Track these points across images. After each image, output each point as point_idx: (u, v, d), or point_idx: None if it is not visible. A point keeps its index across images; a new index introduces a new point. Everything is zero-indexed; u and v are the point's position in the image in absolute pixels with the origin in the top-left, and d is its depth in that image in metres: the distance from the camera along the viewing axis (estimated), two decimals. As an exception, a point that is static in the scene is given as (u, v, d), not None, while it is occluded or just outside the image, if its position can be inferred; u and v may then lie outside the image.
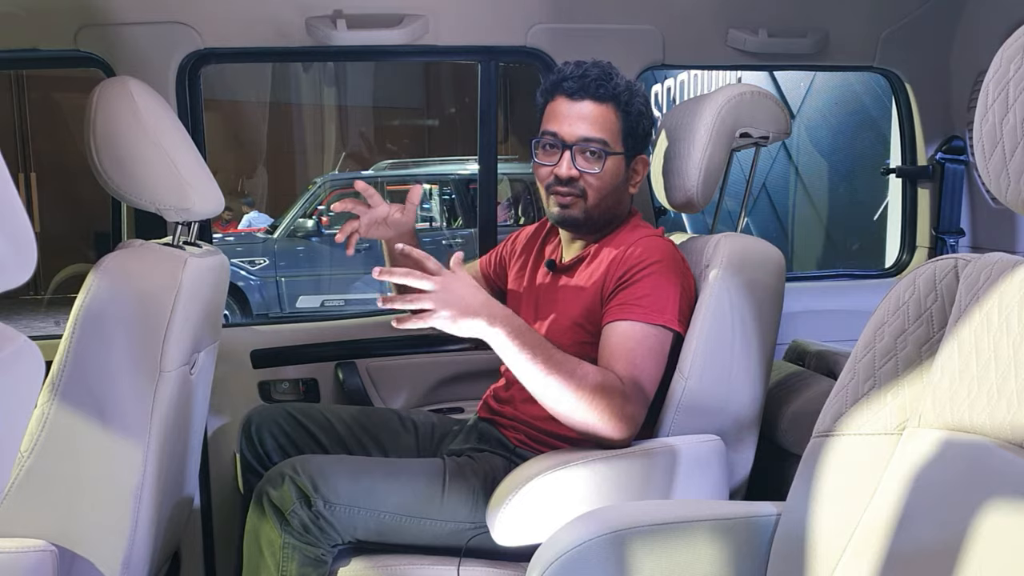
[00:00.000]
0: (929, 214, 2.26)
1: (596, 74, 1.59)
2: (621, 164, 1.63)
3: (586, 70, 1.59)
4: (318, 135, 11.99)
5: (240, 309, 7.00)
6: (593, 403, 1.40)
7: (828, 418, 1.10)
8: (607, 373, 1.43)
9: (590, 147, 1.59)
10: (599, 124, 1.59)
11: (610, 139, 1.60)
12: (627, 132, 1.62)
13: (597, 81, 1.58)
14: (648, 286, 1.50)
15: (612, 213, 1.66)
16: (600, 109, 1.59)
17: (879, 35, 2.15)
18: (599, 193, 1.61)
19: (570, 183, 1.60)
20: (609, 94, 1.59)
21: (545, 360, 1.39)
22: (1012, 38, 0.87)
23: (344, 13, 1.93)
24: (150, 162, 1.42)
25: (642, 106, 1.63)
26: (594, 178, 1.60)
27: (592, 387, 1.40)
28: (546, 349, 1.41)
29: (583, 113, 1.59)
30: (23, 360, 0.66)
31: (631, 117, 1.61)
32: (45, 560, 1.28)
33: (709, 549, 1.13)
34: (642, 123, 1.63)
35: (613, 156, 1.61)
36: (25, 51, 1.89)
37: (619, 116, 1.60)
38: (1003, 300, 0.93)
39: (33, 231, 0.63)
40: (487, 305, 1.38)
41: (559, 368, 1.39)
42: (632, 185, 1.68)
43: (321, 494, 1.46)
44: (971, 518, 0.88)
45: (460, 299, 1.36)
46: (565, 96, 1.60)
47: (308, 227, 7.65)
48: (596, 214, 1.63)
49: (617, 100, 1.59)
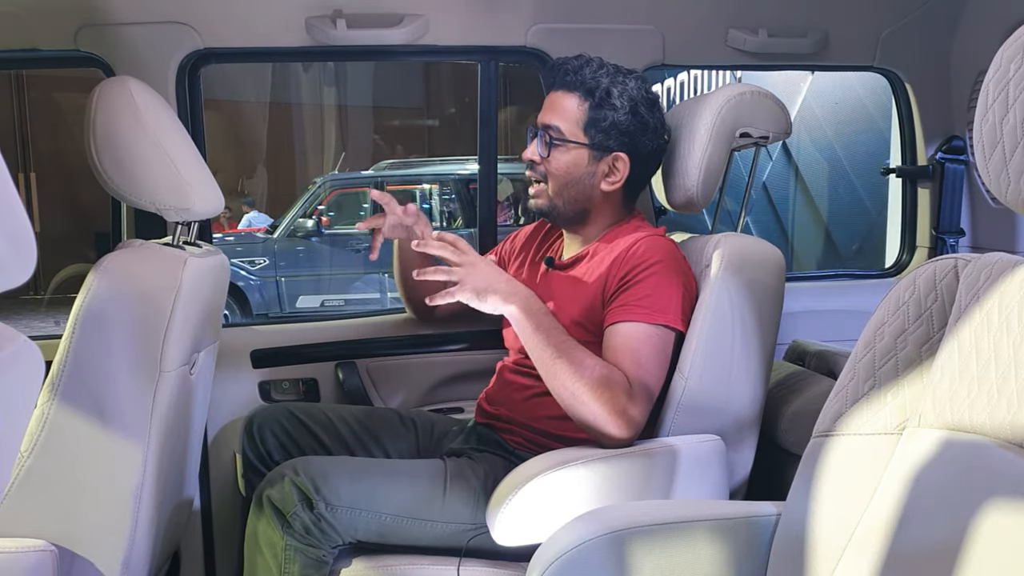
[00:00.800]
0: (929, 214, 2.26)
1: (571, 65, 1.63)
2: (583, 155, 1.63)
3: (565, 62, 1.64)
4: (318, 135, 11.99)
5: (240, 309, 7.00)
6: (596, 394, 1.41)
7: (828, 418, 1.10)
8: (614, 369, 1.44)
9: (549, 133, 1.64)
10: (560, 112, 1.63)
11: (565, 128, 1.62)
12: (589, 122, 1.62)
13: (565, 71, 1.62)
14: (650, 286, 1.50)
15: (581, 207, 1.67)
16: (566, 98, 1.63)
17: (879, 35, 2.15)
18: (557, 181, 1.65)
19: (533, 167, 1.67)
20: (576, 83, 1.62)
21: (557, 343, 1.46)
22: (1012, 38, 0.87)
23: (344, 13, 1.92)
24: (150, 162, 1.42)
25: (621, 100, 1.61)
26: (546, 164, 1.65)
27: (598, 378, 1.42)
28: (560, 333, 1.48)
29: (552, 102, 1.65)
30: (23, 360, 0.66)
31: (598, 108, 1.61)
32: (45, 560, 1.28)
33: (709, 549, 1.13)
34: (611, 116, 1.61)
35: (569, 144, 1.63)
36: (25, 51, 1.89)
37: (582, 106, 1.61)
38: (1003, 300, 0.93)
39: (33, 231, 0.63)
40: (508, 283, 1.49)
41: (569, 353, 1.45)
42: (607, 182, 1.65)
43: (322, 496, 1.46)
44: (971, 518, 0.88)
45: (483, 275, 1.47)
46: (547, 88, 1.69)
47: (308, 227, 7.66)
48: (559, 204, 1.66)
49: (583, 89, 1.61)
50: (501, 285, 1.48)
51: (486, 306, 1.48)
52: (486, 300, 1.47)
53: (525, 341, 1.48)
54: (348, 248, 7.77)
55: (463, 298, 1.47)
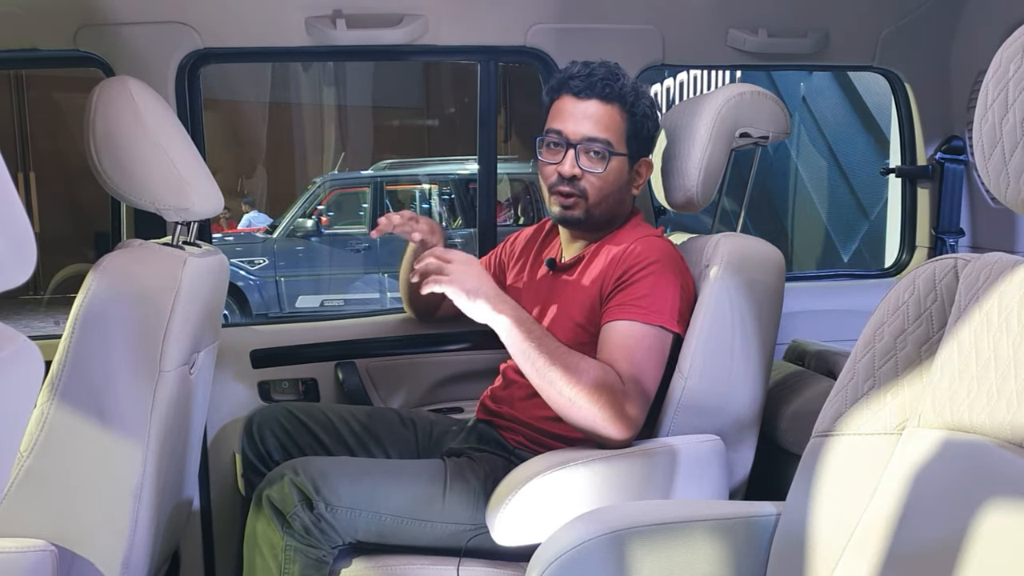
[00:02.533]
0: (929, 214, 2.26)
1: (603, 74, 1.59)
2: (624, 165, 1.63)
3: (593, 69, 1.60)
4: (318, 135, 11.98)
5: (240, 309, 7.00)
6: (593, 398, 1.40)
7: (828, 418, 1.10)
8: (608, 370, 1.44)
9: (594, 147, 1.59)
10: (604, 124, 1.59)
11: (614, 140, 1.60)
12: (631, 134, 1.62)
13: (604, 80, 1.58)
14: (647, 286, 1.50)
15: (613, 214, 1.66)
16: (606, 109, 1.59)
17: (879, 35, 2.15)
18: (600, 193, 1.61)
19: (572, 182, 1.60)
20: (615, 94, 1.59)
21: (548, 351, 1.43)
22: (1012, 38, 0.87)
23: (344, 13, 1.92)
24: (150, 162, 1.42)
25: (647, 108, 1.63)
26: (597, 178, 1.60)
27: (592, 381, 1.41)
28: (549, 341, 1.45)
29: (589, 112, 1.59)
30: (23, 360, 0.66)
31: (636, 119, 1.61)
32: (45, 560, 1.28)
33: (709, 549, 1.13)
34: (647, 125, 1.63)
35: (617, 157, 1.60)
36: (25, 51, 1.89)
37: (624, 117, 1.60)
38: (1003, 300, 0.93)
39: (33, 231, 0.63)
40: (497, 291, 1.46)
41: (561, 360, 1.43)
42: (635, 187, 1.68)
43: (322, 496, 1.46)
44: (971, 518, 0.88)
45: (474, 277, 1.44)
46: (571, 95, 1.60)
47: (308, 227, 7.66)
48: (597, 214, 1.63)
49: (623, 101, 1.59)
50: (491, 292, 1.45)
51: (474, 309, 1.44)
52: (475, 302, 1.43)
53: (515, 350, 1.45)
54: (348, 248, 7.77)
55: (450, 292, 1.42)
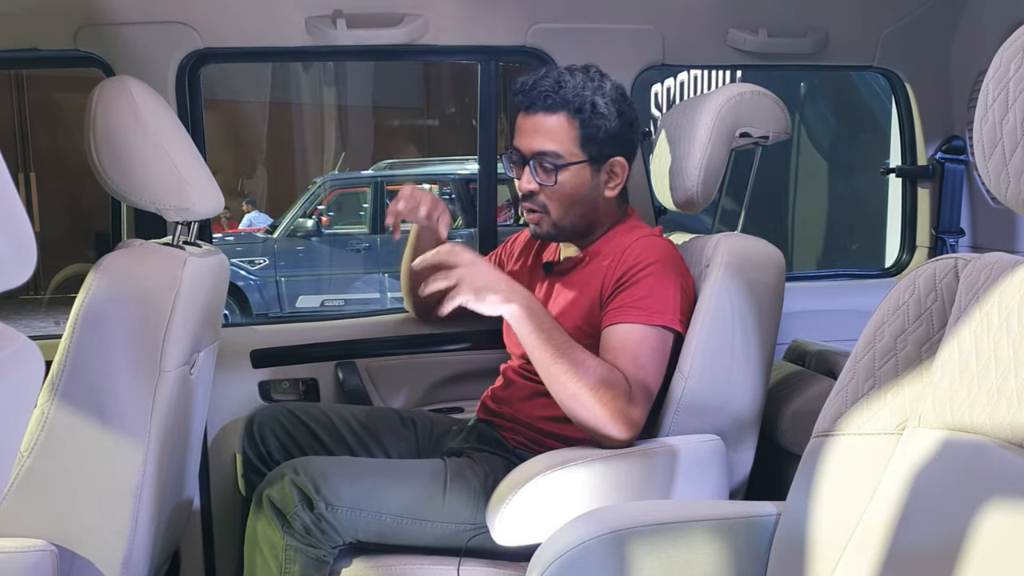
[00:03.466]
0: (929, 214, 2.26)
1: (546, 85, 1.57)
2: (585, 171, 1.60)
3: (536, 81, 1.58)
4: (318, 135, 11.99)
5: (240, 309, 7.00)
6: (596, 395, 1.40)
7: (828, 418, 1.10)
8: (614, 370, 1.44)
9: (544, 160, 1.58)
10: (550, 136, 1.57)
11: (563, 149, 1.57)
12: (585, 138, 1.58)
13: (544, 92, 1.56)
14: (647, 287, 1.50)
15: (588, 221, 1.64)
16: (551, 120, 1.57)
17: (879, 35, 2.15)
18: (561, 205, 1.60)
19: (532, 198, 1.62)
20: (558, 103, 1.56)
21: (557, 343, 1.43)
22: (1012, 38, 0.87)
23: (344, 13, 1.92)
24: (150, 162, 1.42)
25: (608, 108, 1.58)
26: (551, 191, 1.59)
27: (598, 379, 1.41)
28: (560, 333, 1.45)
29: (536, 126, 1.58)
30: (23, 360, 0.66)
31: (587, 122, 1.57)
32: (45, 560, 1.28)
33: (709, 549, 1.13)
34: (604, 126, 1.58)
35: (570, 166, 1.58)
36: (25, 51, 1.88)
37: (573, 123, 1.57)
38: (1003, 300, 0.93)
39: (33, 231, 0.63)
40: (508, 283, 1.46)
41: (569, 354, 1.42)
42: (608, 189, 1.64)
43: (323, 496, 1.46)
44: (971, 518, 0.88)
45: (482, 275, 1.43)
46: (520, 110, 1.61)
47: (308, 227, 7.66)
48: (566, 225, 1.62)
49: (568, 107, 1.56)
50: (501, 285, 1.44)
51: (485, 306, 1.43)
52: (485, 300, 1.42)
53: (525, 341, 1.45)
54: (348, 248, 7.77)
55: (462, 300, 1.42)
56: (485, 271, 1.45)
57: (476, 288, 1.42)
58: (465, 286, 1.42)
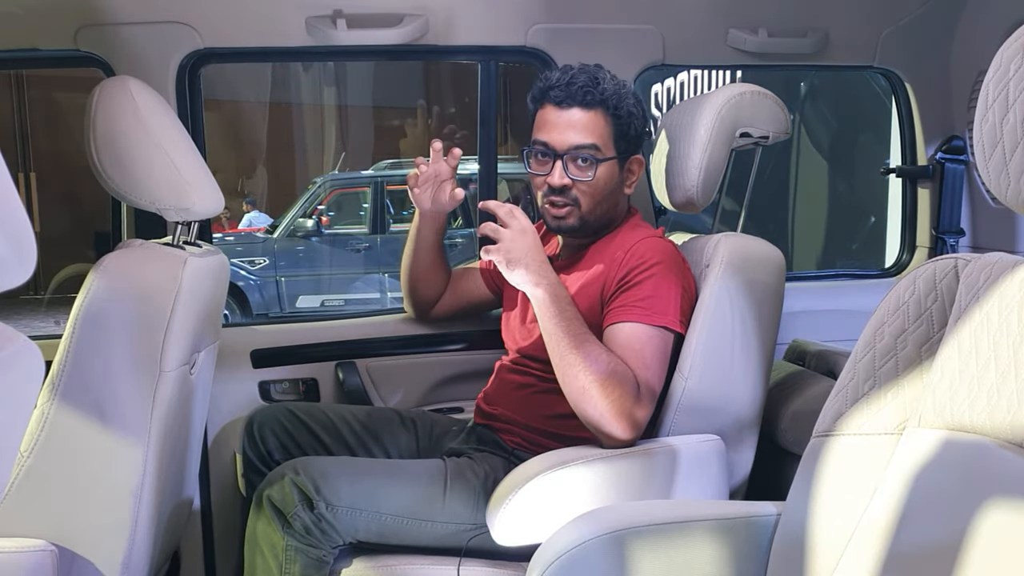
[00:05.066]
0: (929, 214, 2.26)
1: (583, 80, 1.58)
2: (615, 168, 1.62)
3: (572, 76, 1.59)
4: (318, 135, 11.98)
5: (240, 309, 7.00)
6: (605, 391, 1.40)
7: (828, 418, 1.10)
8: (627, 370, 1.44)
9: (581, 155, 1.58)
10: (588, 131, 1.58)
11: (601, 144, 1.59)
12: (618, 135, 1.61)
13: (584, 87, 1.57)
14: (650, 287, 1.50)
15: (609, 217, 1.66)
16: (589, 115, 1.58)
17: (879, 35, 2.15)
18: (593, 199, 1.61)
19: (563, 192, 1.61)
20: (597, 99, 1.58)
21: (575, 333, 1.44)
22: (1012, 38, 0.87)
23: (344, 13, 1.92)
24: (150, 162, 1.42)
25: (632, 107, 1.62)
26: (587, 186, 1.60)
27: (609, 375, 1.41)
28: (580, 324, 1.46)
29: (572, 121, 1.59)
30: (23, 360, 0.66)
31: (621, 120, 1.60)
32: (45, 560, 1.28)
33: (709, 549, 1.13)
34: (633, 124, 1.62)
35: (606, 162, 1.60)
36: (25, 51, 1.88)
37: (608, 120, 1.59)
38: (1003, 300, 0.93)
39: (33, 231, 0.63)
40: (542, 264, 1.46)
41: (584, 346, 1.43)
42: (627, 186, 1.67)
43: (323, 496, 1.46)
44: (971, 518, 0.88)
45: (522, 247, 1.44)
46: (553, 104, 1.60)
47: (308, 227, 7.65)
48: (592, 219, 1.63)
49: (605, 104, 1.58)
50: (533, 264, 1.44)
51: (513, 277, 1.44)
52: (514, 271, 1.43)
53: (544, 326, 1.46)
54: (348, 248, 7.76)
55: (495, 259, 1.43)
56: (525, 244, 1.45)
57: (510, 257, 1.43)
58: (503, 249, 1.43)
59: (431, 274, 1.92)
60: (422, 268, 1.90)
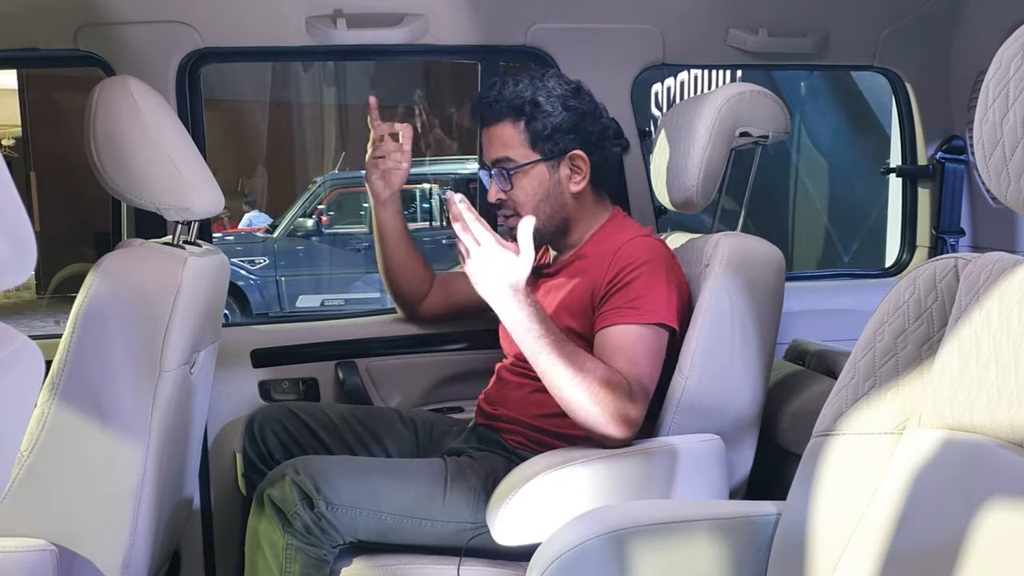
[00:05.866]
0: (929, 214, 2.26)
1: (490, 96, 1.63)
2: (542, 170, 1.62)
3: (482, 96, 1.65)
4: (318, 135, 11.98)
5: (240, 309, 7.00)
6: (596, 397, 1.40)
7: (828, 418, 1.10)
8: (614, 371, 1.43)
9: (500, 167, 1.63)
10: (499, 143, 1.63)
11: (512, 154, 1.62)
12: (534, 138, 1.61)
13: (487, 103, 1.63)
14: (640, 287, 1.50)
15: (561, 218, 1.66)
16: (497, 128, 1.63)
17: (879, 35, 2.15)
18: (527, 206, 1.62)
19: (502, 206, 1.66)
20: (501, 110, 1.62)
21: (553, 344, 1.41)
22: (1012, 38, 0.87)
23: (344, 12, 1.92)
24: (150, 162, 1.42)
25: (552, 103, 1.60)
26: (513, 195, 1.63)
27: (597, 381, 1.40)
28: (557, 335, 1.43)
29: (489, 137, 1.66)
30: (23, 360, 0.66)
31: (534, 120, 1.60)
32: (45, 560, 1.28)
33: (709, 549, 1.13)
34: (550, 122, 1.60)
35: (525, 167, 1.61)
36: (25, 51, 1.89)
37: (518, 126, 1.61)
38: (1003, 300, 0.93)
39: (33, 231, 0.64)
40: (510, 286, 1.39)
41: (568, 356, 1.41)
42: (573, 183, 1.64)
43: (323, 495, 1.46)
44: (971, 517, 0.88)
45: (482, 270, 1.39)
46: (478, 126, 1.69)
47: (308, 227, 7.66)
48: (540, 226, 1.60)
49: (509, 112, 1.61)
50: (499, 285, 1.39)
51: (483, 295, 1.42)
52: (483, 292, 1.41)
53: (521, 343, 1.43)
54: (348, 248, 7.77)
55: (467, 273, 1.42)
56: (491, 264, 1.38)
57: (475, 277, 1.41)
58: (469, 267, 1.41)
59: (407, 265, 1.91)
60: (397, 261, 1.90)
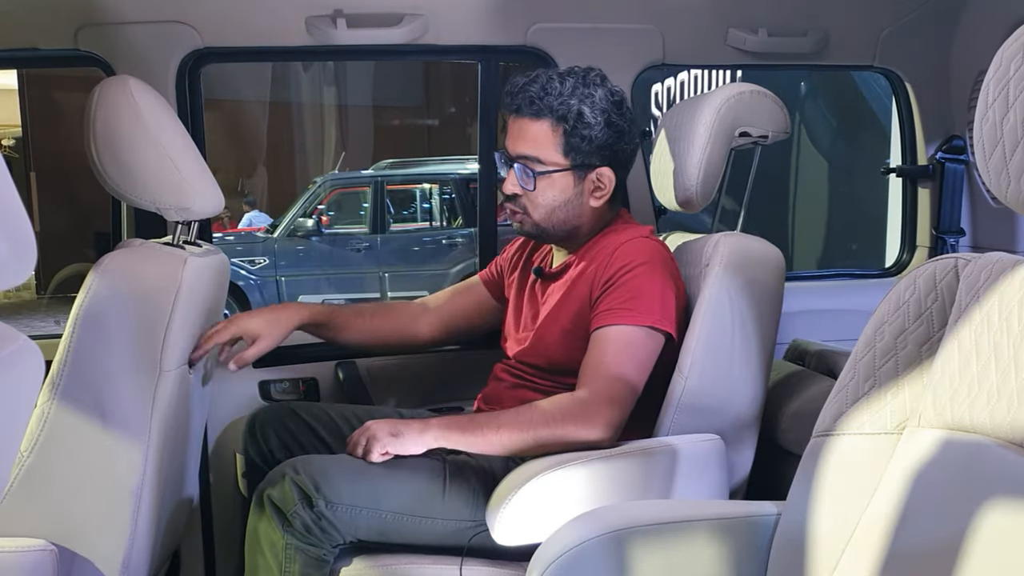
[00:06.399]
0: (929, 214, 2.26)
1: (534, 90, 1.56)
2: (567, 179, 1.59)
3: (524, 86, 1.57)
4: (318, 135, 11.98)
5: (240, 309, 6.99)
6: (553, 430, 1.44)
7: (828, 418, 1.10)
8: (554, 399, 1.48)
9: (527, 164, 1.59)
10: (533, 141, 1.58)
11: (545, 156, 1.57)
12: (570, 146, 1.57)
13: (532, 96, 1.56)
14: (635, 288, 1.50)
15: (572, 227, 1.63)
16: (536, 125, 1.57)
17: (879, 35, 2.14)
18: (541, 210, 1.61)
19: (514, 199, 1.63)
20: (544, 109, 1.55)
21: (486, 423, 1.47)
22: (1012, 38, 0.87)
23: (344, 12, 1.92)
24: (150, 162, 1.42)
25: (595, 117, 1.56)
26: (531, 195, 1.60)
27: (541, 422, 1.44)
28: (483, 416, 1.51)
29: (521, 129, 1.59)
30: (23, 360, 0.66)
31: (572, 130, 1.56)
32: (45, 560, 1.28)
33: (709, 549, 1.13)
34: (591, 136, 1.56)
35: (552, 174, 1.58)
36: (25, 51, 1.88)
37: (557, 131, 1.56)
38: (1003, 300, 0.93)
39: (33, 231, 0.64)
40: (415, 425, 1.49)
41: (506, 424, 1.46)
42: (594, 199, 1.62)
43: (323, 494, 1.46)
44: (971, 517, 0.88)
45: (385, 427, 1.50)
46: (508, 111, 1.61)
47: (308, 227, 7.66)
48: (548, 228, 1.62)
49: (553, 114, 1.55)
50: (403, 429, 1.49)
51: (408, 446, 1.48)
52: (402, 442, 1.48)
53: (467, 447, 1.49)
54: (348, 248, 7.77)
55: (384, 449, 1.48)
56: (385, 424, 1.50)
57: (387, 439, 1.48)
58: (379, 441, 1.48)
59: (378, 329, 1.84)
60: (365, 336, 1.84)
